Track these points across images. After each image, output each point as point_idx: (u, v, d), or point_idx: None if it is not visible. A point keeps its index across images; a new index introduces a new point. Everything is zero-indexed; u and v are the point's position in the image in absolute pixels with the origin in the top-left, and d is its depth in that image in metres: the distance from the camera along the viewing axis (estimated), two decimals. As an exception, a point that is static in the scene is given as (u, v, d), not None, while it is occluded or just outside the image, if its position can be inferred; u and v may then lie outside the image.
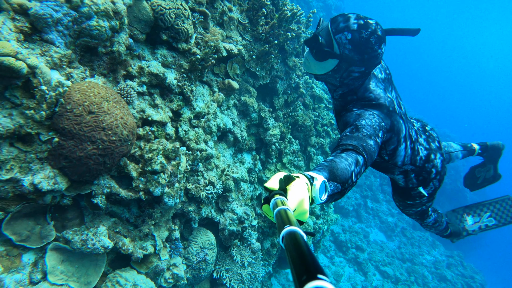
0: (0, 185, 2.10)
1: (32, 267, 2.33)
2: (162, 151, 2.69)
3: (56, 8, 2.33)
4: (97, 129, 2.25)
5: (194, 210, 3.27)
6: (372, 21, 1.53)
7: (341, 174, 1.11)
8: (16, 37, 2.17)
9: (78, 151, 2.22)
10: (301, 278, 0.39)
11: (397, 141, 1.70)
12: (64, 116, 2.19)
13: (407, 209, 2.30)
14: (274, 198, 0.75)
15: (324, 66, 1.64)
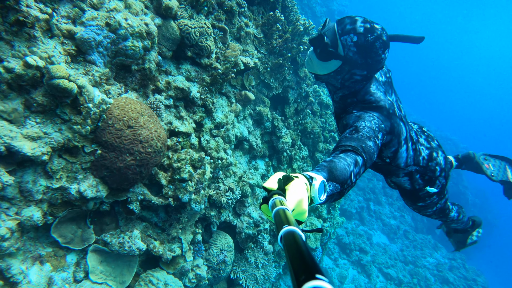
0: (51, 193, 2.34)
1: (76, 267, 2.56)
2: (189, 160, 2.92)
3: (98, 31, 2.57)
4: (135, 142, 2.48)
5: (215, 215, 3.50)
6: (378, 26, 1.54)
7: (340, 174, 1.11)
8: (65, 60, 2.41)
9: (119, 162, 2.45)
10: (299, 277, 0.39)
11: (397, 144, 1.69)
12: (106, 130, 2.43)
13: (423, 211, 2.25)
14: (273, 198, 0.74)
15: (327, 66, 1.64)
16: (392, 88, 1.84)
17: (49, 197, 2.34)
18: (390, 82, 1.84)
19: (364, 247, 10.51)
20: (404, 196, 2.24)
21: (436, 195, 2.09)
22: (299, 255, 0.45)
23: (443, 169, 2.00)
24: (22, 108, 2.21)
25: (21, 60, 2.16)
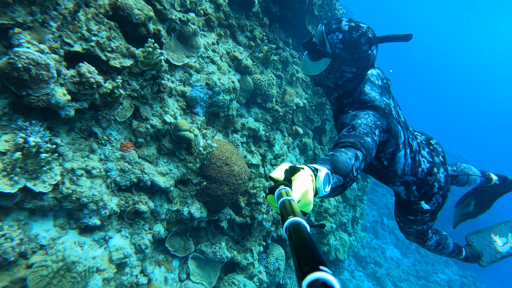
0: (170, 213, 3.13)
1: (179, 270, 3.33)
2: (262, 187, 3.70)
3: (201, 90, 3.39)
4: (230, 176, 3.28)
5: (274, 230, 4.26)
6: (364, 24, 1.60)
7: (342, 167, 1.12)
8: (180, 113, 3.24)
9: (218, 191, 3.24)
10: (303, 268, 0.40)
11: (395, 145, 1.69)
12: (210, 167, 3.23)
13: (408, 226, 2.22)
14: (279, 189, 0.74)
15: (318, 65, 1.71)
16: (389, 93, 1.85)
17: (169, 217, 3.14)
18: (387, 87, 1.85)
19: (379, 260, 11.09)
20: (397, 205, 2.23)
21: (430, 213, 2.05)
22: (304, 246, 0.45)
23: (442, 188, 1.97)
24: (156, 152, 3.03)
25: (159, 118, 2.98)
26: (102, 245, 2.66)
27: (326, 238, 5.70)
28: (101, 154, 2.73)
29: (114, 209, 2.68)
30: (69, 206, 2.50)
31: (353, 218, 7.28)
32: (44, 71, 2.24)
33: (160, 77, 2.93)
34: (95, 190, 2.58)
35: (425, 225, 2.18)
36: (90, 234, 2.64)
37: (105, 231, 2.70)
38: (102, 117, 2.71)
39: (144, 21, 2.81)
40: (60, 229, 2.52)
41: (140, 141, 2.89)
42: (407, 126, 1.91)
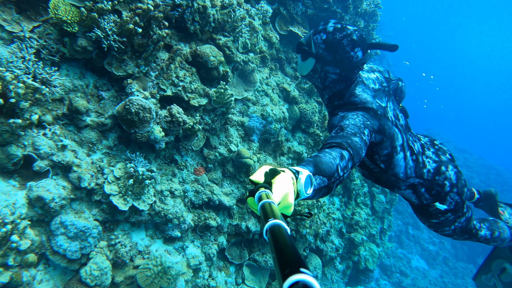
0: (231, 227, 3.68)
1: (236, 275, 3.88)
2: (306, 205, 4.18)
3: (257, 120, 3.91)
4: (282, 196, 3.79)
5: (313, 241, 4.73)
6: (351, 27, 1.61)
7: (326, 168, 1.10)
8: (240, 141, 3.78)
9: (271, 208, 3.76)
10: (284, 271, 0.39)
11: (391, 147, 1.65)
12: (265, 187, 3.75)
13: (440, 229, 2.10)
14: (259, 191, 0.73)
15: (306, 66, 1.74)
16: (389, 97, 1.83)
17: (229, 230, 3.69)
18: (386, 91, 1.83)
19: (404, 270, 11.24)
20: (416, 211, 2.13)
21: (451, 212, 1.94)
22: (284, 249, 0.45)
23: (455, 185, 1.89)
24: (221, 175, 3.59)
25: (225, 147, 3.54)
26: (180, 253, 3.24)
27: (357, 249, 6.09)
28: (180, 177, 3.31)
29: (190, 223, 3.26)
30: (158, 221, 3.09)
31: (381, 229, 7.60)
32: (148, 113, 2.85)
33: (228, 112, 3.49)
34: (177, 208, 3.16)
35: (456, 222, 2.01)
36: (172, 243, 3.23)
37: (183, 241, 3.28)
38: (182, 147, 3.30)
39: (217, 66, 3.38)
40: (150, 238, 3.12)
41: (210, 166, 3.46)
42: (408, 129, 1.89)
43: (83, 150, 2.81)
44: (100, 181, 2.74)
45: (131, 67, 2.92)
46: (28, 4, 2.81)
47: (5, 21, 2.70)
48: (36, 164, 2.51)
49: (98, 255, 2.63)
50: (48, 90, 2.50)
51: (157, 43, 2.92)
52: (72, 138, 2.78)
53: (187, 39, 3.39)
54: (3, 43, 2.69)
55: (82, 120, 2.79)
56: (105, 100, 2.94)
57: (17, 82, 2.27)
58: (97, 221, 2.72)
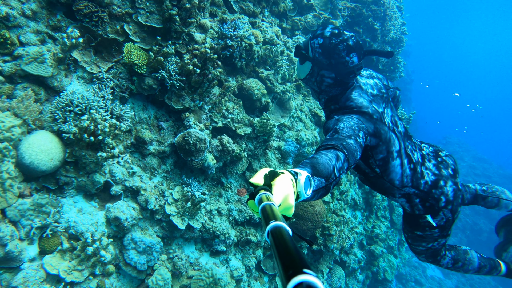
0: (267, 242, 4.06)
1: (269, 284, 4.26)
2: (334, 222, 4.52)
3: (292, 144, 4.27)
4: (314, 215, 4.14)
5: (338, 254, 5.07)
6: (348, 33, 1.62)
7: (323, 169, 1.11)
8: (276, 164, 4.14)
9: (304, 226, 4.11)
10: (287, 272, 0.40)
11: (386, 152, 1.65)
12: (298, 207, 4.11)
13: (417, 243, 2.08)
14: (259, 194, 0.73)
15: (303, 69, 1.76)
16: (387, 103, 1.83)
17: (266, 244, 4.06)
18: (384, 97, 1.83)
19: (419, 279, 11.38)
20: (404, 219, 2.12)
21: (439, 229, 1.93)
22: (287, 250, 0.45)
23: (450, 202, 1.85)
24: (261, 194, 3.97)
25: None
26: (224, 265, 3.64)
27: (377, 260, 6.37)
28: (226, 197, 3.71)
29: (234, 239, 3.65)
30: (206, 236, 3.50)
31: (399, 241, 7.84)
32: (203, 144, 3.25)
33: (269, 140, 3.86)
34: (223, 225, 3.56)
35: (436, 242, 2.01)
36: (217, 256, 3.63)
37: (227, 255, 3.68)
38: (228, 171, 3.70)
39: (260, 98, 3.75)
40: (199, 251, 3.53)
41: (251, 188, 3.84)
42: (407, 137, 1.87)
43: (147, 174, 3.24)
44: (161, 203, 3.16)
45: (188, 101, 3.33)
46: (103, 46, 3.25)
47: (86, 62, 3.15)
48: (113, 188, 2.95)
49: (161, 267, 3.05)
50: (123, 125, 2.93)
51: (212, 81, 3.32)
52: (138, 164, 3.21)
53: (233, 72, 3.78)
54: (84, 82, 3.15)
55: (146, 149, 3.21)
56: (165, 130, 3.36)
57: (104, 121, 2.71)
58: (159, 237, 3.15)
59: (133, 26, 3.23)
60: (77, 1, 3.05)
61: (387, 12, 4.87)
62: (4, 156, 2.50)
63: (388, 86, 1.99)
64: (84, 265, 2.65)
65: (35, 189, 2.72)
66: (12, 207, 2.53)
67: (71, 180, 2.82)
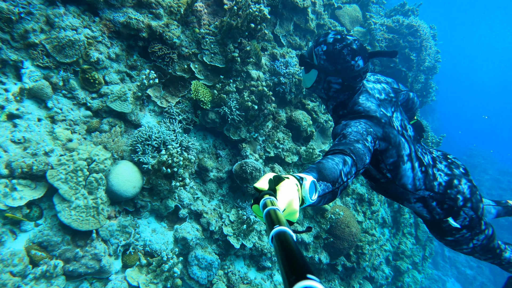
0: (308, 258, 4.41)
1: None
2: (366, 242, 4.81)
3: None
4: (350, 235, 4.45)
5: (370, 272, 5.35)
6: (350, 37, 1.63)
7: (329, 174, 1.10)
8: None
9: (340, 245, 4.43)
10: (290, 278, 0.39)
11: (397, 156, 1.63)
12: (336, 228, 4.43)
13: (458, 247, 2.02)
14: (264, 198, 0.73)
15: (310, 77, 1.76)
16: (396, 107, 1.82)
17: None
18: (393, 102, 1.82)
19: (439, 292, 11.44)
20: (429, 228, 2.05)
21: (466, 229, 1.86)
22: (290, 255, 0.45)
23: (468, 199, 1.81)
24: (303, 216, 4.30)
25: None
26: (269, 279, 4.00)
27: (402, 276, 6.61)
28: (272, 218, 4.07)
29: (278, 256, 4.01)
30: (255, 253, 3.87)
31: (423, 256, 8.01)
32: (258, 173, 3.61)
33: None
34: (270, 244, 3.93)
35: (474, 240, 1.92)
36: (263, 271, 4.01)
37: (271, 270, 4.05)
38: (275, 194, 4.06)
39: (306, 128, 4.08)
40: (247, 267, 3.91)
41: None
42: (416, 141, 1.87)
43: (206, 198, 3.63)
44: (220, 224, 3.56)
45: (244, 133, 3.71)
46: (171, 82, 3.67)
47: (157, 97, 3.58)
48: (181, 212, 3.36)
49: (219, 282, 3.45)
50: (192, 157, 3.33)
51: (267, 116, 3.67)
52: (199, 189, 3.61)
53: (282, 104, 4.12)
54: (155, 115, 3.57)
55: (208, 176, 3.61)
56: (222, 158, 3.75)
57: (179, 156, 3.11)
58: (216, 254, 3.54)
59: (198, 65, 3.63)
60: (152, 44, 3.47)
61: (423, 43, 5.07)
62: (99, 185, 2.94)
63: (399, 89, 1.99)
64: (158, 279, 3.07)
65: (118, 211, 3.17)
66: (104, 228, 2.97)
67: (146, 204, 3.25)
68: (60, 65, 3.16)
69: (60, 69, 3.16)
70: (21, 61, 3.04)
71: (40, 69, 3.12)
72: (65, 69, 3.17)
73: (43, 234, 2.81)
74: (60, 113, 3.14)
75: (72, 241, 2.92)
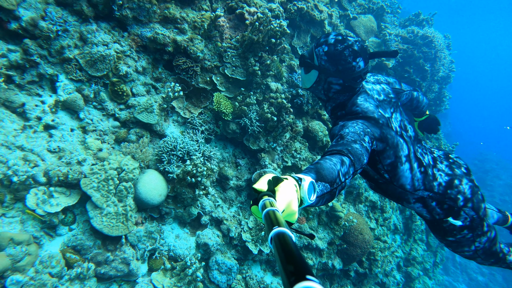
0: (320, 264, 4.52)
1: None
2: (379, 248, 4.90)
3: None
4: (363, 242, 4.55)
5: (381, 278, 5.45)
6: (351, 38, 1.63)
7: (327, 174, 1.11)
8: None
9: (353, 252, 4.54)
10: (290, 279, 0.40)
11: (394, 156, 1.62)
12: (350, 235, 4.54)
13: (459, 249, 1.98)
14: (263, 199, 0.73)
15: (309, 78, 1.76)
16: (395, 108, 1.82)
17: (318, 266, 4.53)
18: (393, 102, 1.82)
19: (449, 298, 11.39)
20: (430, 228, 2.02)
21: (467, 229, 1.83)
22: (290, 256, 0.45)
23: (469, 199, 1.79)
24: (317, 224, 4.42)
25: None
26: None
27: (413, 282, 6.66)
28: (288, 224, 4.21)
29: (294, 262, 4.15)
30: (271, 259, 4.01)
31: (434, 263, 8.04)
32: (275, 182, 3.75)
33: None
34: (286, 250, 4.06)
35: (476, 242, 1.89)
36: (278, 276, 4.14)
37: (287, 275, 4.18)
38: (291, 201, 4.19)
39: (322, 139, 4.20)
40: (263, 271, 4.05)
41: (310, 217, 4.32)
42: (417, 141, 1.87)
43: (226, 205, 3.79)
44: (239, 231, 3.71)
45: (263, 143, 3.85)
46: (193, 93, 3.83)
47: (180, 108, 3.74)
48: (203, 219, 3.53)
49: (238, 286, 3.60)
50: (215, 167, 3.49)
51: (286, 127, 3.81)
52: (220, 196, 3.77)
53: (299, 114, 4.25)
54: (178, 125, 3.74)
55: (228, 184, 3.76)
56: (241, 167, 3.90)
57: (203, 166, 3.27)
58: (235, 259, 3.70)
59: (220, 77, 3.78)
60: (177, 58, 3.64)
61: (437, 54, 5.12)
62: (128, 193, 3.13)
63: (401, 89, 2.00)
64: (182, 283, 3.24)
65: (144, 217, 3.35)
66: (132, 234, 3.16)
67: (171, 211, 3.42)
68: (92, 78, 3.35)
69: (91, 82, 3.35)
70: (56, 75, 3.24)
71: (73, 82, 3.31)
72: (96, 82, 3.36)
73: (77, 239, 3.00)
74: (91, 123, 3.33)
75: (103, 245, 3.11)
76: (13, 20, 3.01)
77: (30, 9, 3.08)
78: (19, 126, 3.11)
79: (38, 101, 3.19)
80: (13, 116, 3.12)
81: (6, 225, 2.88)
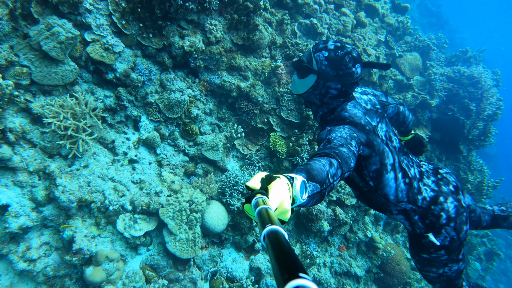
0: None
1: (353, 324, 5.05)
2: (416, 279, 5.13)
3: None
4: (400, 273, 4.81)
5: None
6: (349, 45, 1.67)
7: (317, 174, 1.13)
8: (371, 226, 4.87)
9: (390, 281, 4.82)
10: (283, 276, 0.40)
11: (379, 163, 1.63)
12: (387, 265, 4.82)
13: (426, 268, 1.97)
14: (256, 197, 0.74)
15: (306, 82, 1.75)
16: (381, 118, 1.84)
17: (356, 292, 4.86)
18: (379, 112, 1.84)
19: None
20: (409, 240, 2.02)
21: (445, 250, 1.81)
22: (283, 254, 0.46)
23: (452, 219, 1.77)
24: (356, 252, 4.74)
25: (363, 232, 4.67)
26: (324, 307, 4.52)
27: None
28: (329, 252, 4.57)
29: (334, 287, 4.51)
30: (313, 283, 4.41)
31: None
32: (322, 214, 4.13)
33: (368, 209, 4.61)
34: (327, 275, 4.43)
35: (446, 267, 1.89)
36: (319, 299, 4.52)
37: (326, 299, 4.56)
38: (334, 232, 4.55)
39: (365, 175, 4.51)
40: None
41: (350, 246, 4.66)
42: (402, 152, 1.87)
43: (276, 233, 4.23)
44: (287, 257, 4.13)
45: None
46: (251, 131, 4.28)
47: (239, 145, 4.21)
48: (257, 245, 3.99)
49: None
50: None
51: (333, 166, 4.17)
52: (271, 225, 4.21)
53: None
54: (237, 160, 4.21)
55: (278, 214, 4.20)
56: (291, 198, 4.32)
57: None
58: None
59: (276, 119, 4.21)
60: (240, 101, 4.11)
61: (484, 94, 5.17)
62: (197, 222, 3.65)
63: (387, 102, 2.03)
64: (238, 302, 3.73)
65: (207, 242, 3.86)
66: (198, 257, 3.68)
67: (229, 237, 3.91)
68: (168, 119, 3.89)
69: (168, 123, 3.90)
70: (139, 116, 3.82)
71: (153, 122, 3.88)
72: (171, 122, 3.91)
73: (154, 258, 3.57)
74: (165, 158, 3.89)
75: (174, 265, 3.66)
76: (110, 71, 3.60)
77: (124, 62, 3.66)
78: (109, 160, 3.72)
79: (124, 138, 3.77)
80: (105, 151, 3.73)
81: (100, 244, 3.49)
